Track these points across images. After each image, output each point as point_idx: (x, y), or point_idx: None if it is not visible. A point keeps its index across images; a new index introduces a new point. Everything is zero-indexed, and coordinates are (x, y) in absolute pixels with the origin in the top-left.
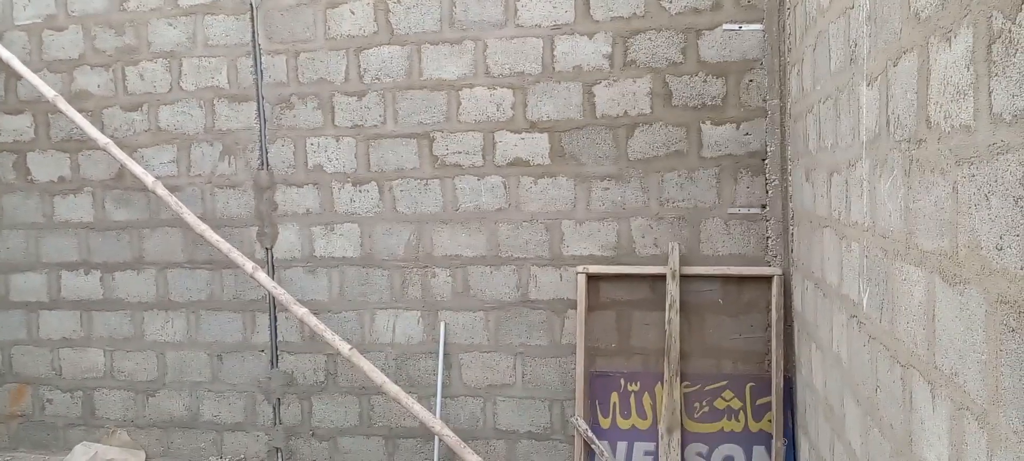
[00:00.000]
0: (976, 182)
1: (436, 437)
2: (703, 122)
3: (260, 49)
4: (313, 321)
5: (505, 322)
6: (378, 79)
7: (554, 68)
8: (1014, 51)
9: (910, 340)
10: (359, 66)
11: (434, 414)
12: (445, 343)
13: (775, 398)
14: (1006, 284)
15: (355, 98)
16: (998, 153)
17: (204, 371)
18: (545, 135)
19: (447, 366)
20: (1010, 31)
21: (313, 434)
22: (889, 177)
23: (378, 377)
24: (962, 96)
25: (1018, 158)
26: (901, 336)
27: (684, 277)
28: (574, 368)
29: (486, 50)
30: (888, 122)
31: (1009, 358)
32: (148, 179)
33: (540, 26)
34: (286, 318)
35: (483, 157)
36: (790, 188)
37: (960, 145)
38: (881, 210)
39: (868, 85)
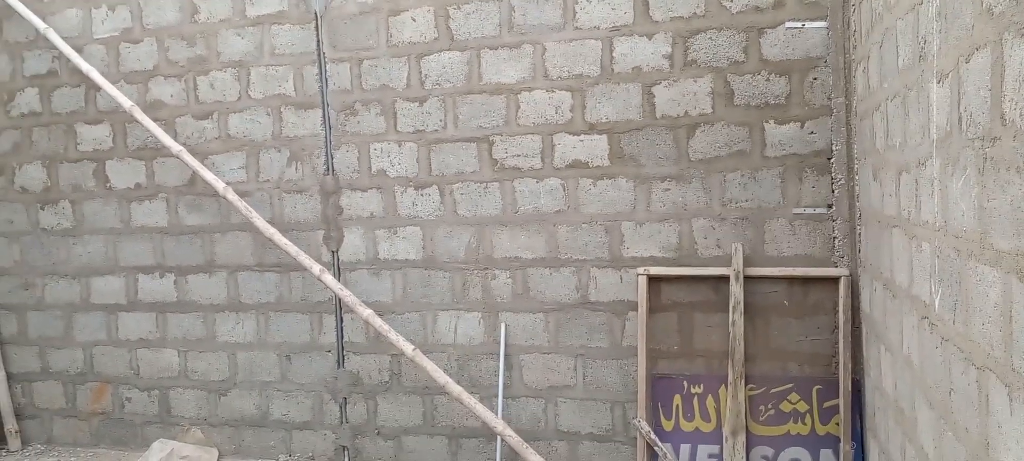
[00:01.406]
0: None
1: (498, 437)
2: (766, 121)
3: (325, 57)
4: (378, 322)
5: (565, 323)
6: (438, 84)
7: (613, 70)
8: None
9: (986, 342)
10: (420, 72)
11: (496, 414)
12: (506, 344)
13: (843, 401)
14: None
15: (416, 104)
16: None
17: (273, 371)
18: (604, 137)
19: (508, 367)
20: None
21: (378, 433)
22: (962, 176)
23: (441, 377)
24: None
25: None
26: (976, 338)
27: (748, 278)
28: (635, 370)
29: (544, 53)
30: (960, 120)
31: None
32: (219, 185)
33: (598, 28)
34: (352, 319)
35: (542, 159)
36: (857, 187)
37: None
38: (953, 209)
39: (938, 82)
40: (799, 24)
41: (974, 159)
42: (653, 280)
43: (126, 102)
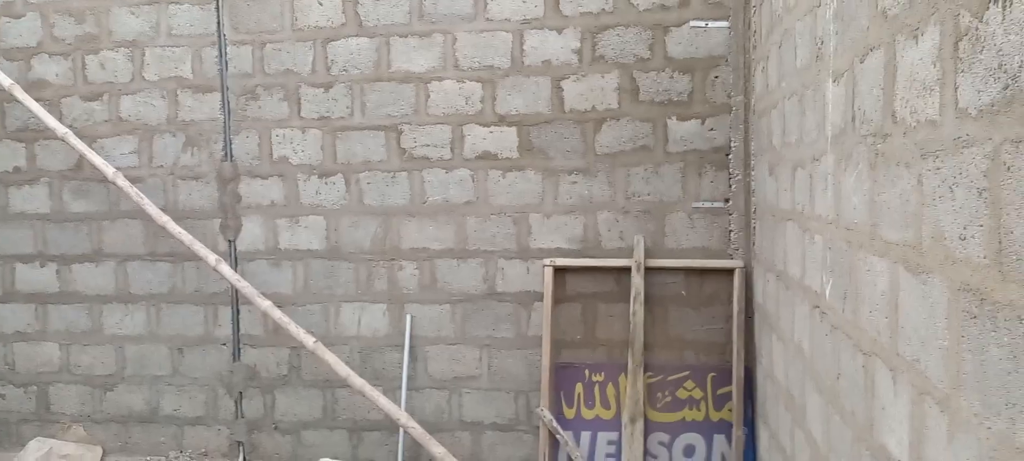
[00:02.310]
0: (941, 175)
1: (401, 429)
2: (669, 117)
3: (226, 39)
4: (277, 314)
5: (472, 314)
6: (346, 71)
7: (523, 62)
8: (980, 48)
9: (873, 329)
10: (326, 58)
11: (400, 406)
12: (411, 336)
13: (736, 388)
14: (969, 273)
15: (322, 90)
16: (963, 146)
17: (165, 365)
18: (514, 129)
19: (413, 358)
20: (977, 29)
21: (276, 427)
22: (854, 171)
23: (343, 370)
24: (928, 91)
25: (983, 151)
26: (864, 325)
27: (648, 270)
28: (540, 360)
29: (455, 43)
30: (854, 117)
31: (970, 344)
32: (108, 170)
33: (509, 20)
34: (249, 311)
35: (451, 150)
36: (753, 183)
37: (925, 139)
38: (846, 203)
39: (834, 81)
40: (703, 23)
41: (866, 155)
42: (559, 271)
43: (5, 80)
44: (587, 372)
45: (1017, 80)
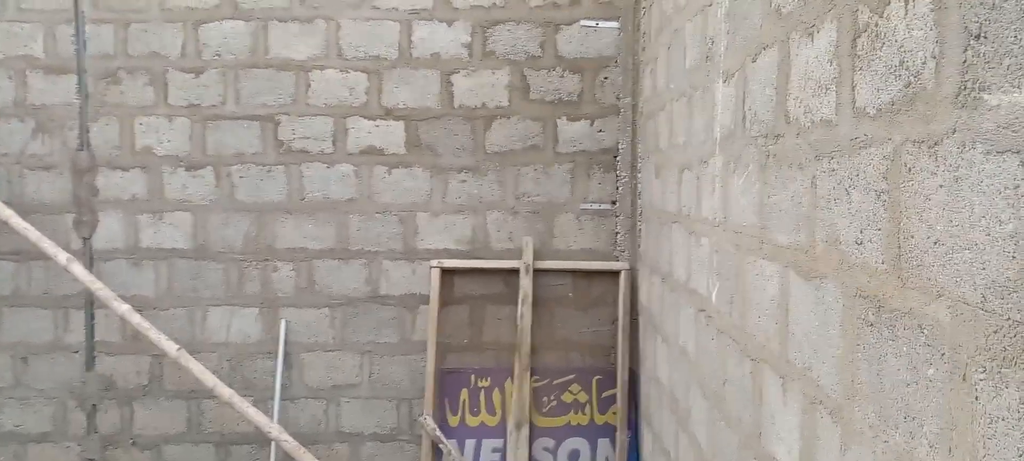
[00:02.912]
0: (837, 177)
1: (273, 442)
2: (559, 117)
3: (83, 16)
4: (136, 319)
5: (353, 319)
6: (219, 56)
7: (411, 54)
8: (880, 44)
9: (762, 334)
10: (198, 40)
11: (272, 418)
12: (286, 342)
13: (620, 391)
14: (866, 278)
15: (192, 75)
16: (861, 147)
17: (5, 375)
18: (401, 123)
19: (288, 366)
20: (876, 25)
21: (134, 443)
22: (744, 173)
23: (209, 379)
24: (824, 90)
25: (882, 152)
26: (752, 330)
27: (537, 271)
28: (424, 366)
29: (339, 30)
30: (744, 118)
31: (867, 353)
32: None
33: (397, 9)
34: (106, 316)
35: (334, 143)
36: (639, 185)
37: (820, 140)
38: (734, 205)
39: (724, 82)
40: (593, 23)
41: (757, 156)
42: (446, 273)
43: None
44: (473, 377)
45: (920, 78)
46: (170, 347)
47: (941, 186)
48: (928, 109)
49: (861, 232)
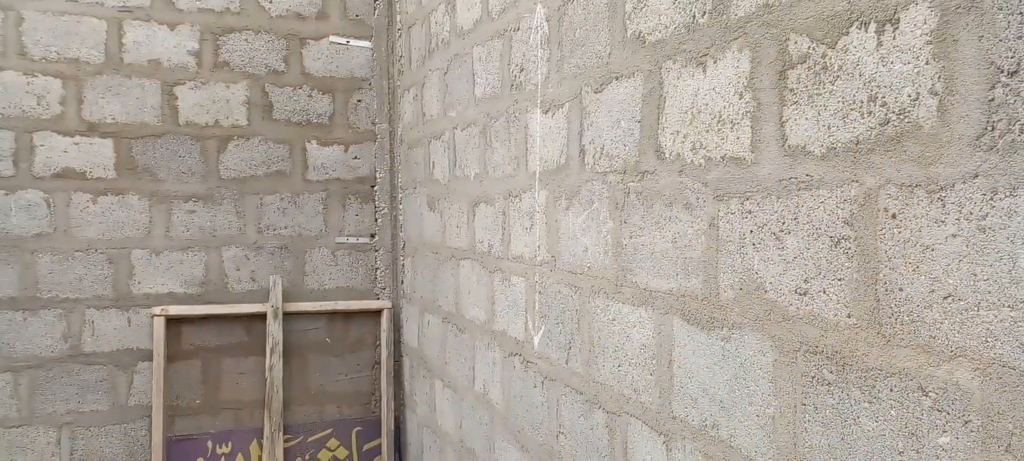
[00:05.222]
0: (755, 219)
1: None
2: (309, 141)
3: None
4: None
5: (45, 384)
6: None
7: (123, 59)
8: (831, 78)
9: (624, 385)
10: None
11: None
12: None
13: (386, 440)
14: (817, 332)
15: None
16: (800, 189)
17: None
18: (109, 141)
19: None
20: (824, 56)
21: None
22: (585, 210)
23: None
24: (729, 126)
25: (842, 195)
26: (606, 380)
27: (287, 315)
28: (146, 435)
29: (21, 23)
30: (583, 152)
31: (820, 414)
32: None
33: (102, 4)
34: None
35: (14, 164)
36: (400, 217)
37: (723, 178)
38: (570, 245)
39: (545, 113)
40: (344, 40)
41: (606, 193)
42: (173, 322)
43: None
44: (210, 444)
45: (907, 116)
46: None
47: (954, 236)
48: (925, 150)
49: (805, 282)
